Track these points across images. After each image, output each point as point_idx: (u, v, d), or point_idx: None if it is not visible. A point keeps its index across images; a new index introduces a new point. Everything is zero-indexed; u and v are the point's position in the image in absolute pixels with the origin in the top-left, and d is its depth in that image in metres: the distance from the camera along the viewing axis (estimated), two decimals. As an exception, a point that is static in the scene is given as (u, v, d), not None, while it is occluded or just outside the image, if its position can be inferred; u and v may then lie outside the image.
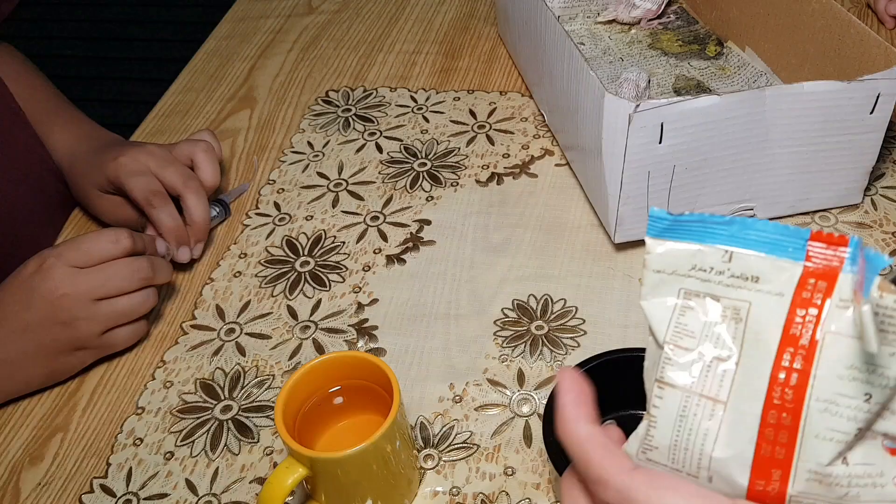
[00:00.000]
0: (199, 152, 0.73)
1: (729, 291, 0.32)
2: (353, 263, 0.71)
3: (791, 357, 0.31)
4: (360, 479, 0.50)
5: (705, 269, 0.33)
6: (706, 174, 0.65)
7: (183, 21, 2.57)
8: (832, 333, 0.30)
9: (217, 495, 0.56)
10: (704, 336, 0.32)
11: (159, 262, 0.65)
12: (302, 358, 0.64)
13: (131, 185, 0.69)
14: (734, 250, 0.33)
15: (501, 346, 0.63)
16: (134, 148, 0.72)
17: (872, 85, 0.62)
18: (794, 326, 0.31)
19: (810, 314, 0.31)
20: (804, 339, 0.31)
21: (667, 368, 0.33)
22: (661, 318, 0.33)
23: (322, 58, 0.97)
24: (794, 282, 0.31)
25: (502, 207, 0.75)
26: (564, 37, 0.68)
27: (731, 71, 0.85)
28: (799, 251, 0.32)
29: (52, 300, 0.59)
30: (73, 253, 0.61)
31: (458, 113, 0.86)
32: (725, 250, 0.33)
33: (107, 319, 0.62)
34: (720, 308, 0.32)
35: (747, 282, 0.32)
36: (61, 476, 0.58)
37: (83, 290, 0.60)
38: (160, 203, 0.69)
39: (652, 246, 0.34)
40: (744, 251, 0.33)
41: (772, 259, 0.32)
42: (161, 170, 0.70)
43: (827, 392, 0.30)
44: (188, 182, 0.70)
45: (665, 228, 0.34)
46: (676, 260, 0.34)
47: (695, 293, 0.33)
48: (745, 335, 0.32)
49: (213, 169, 0.73)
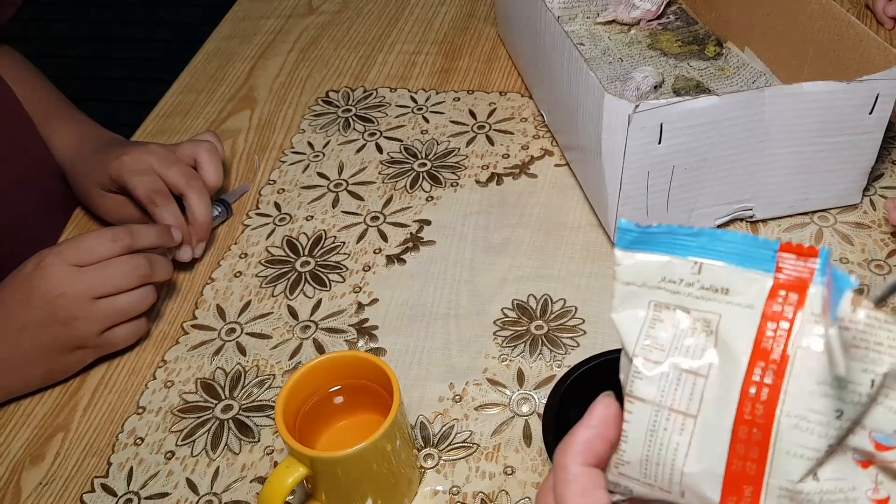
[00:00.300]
0: (202, 152, 0.73)
1: (699, 304, 0.32)
2: (353, 263, 0.71)
3: (762, 372, 0.30)
4: (360, 478, 0.51)
5: (675, 281, 0.33)
6: (706, 174, 0.65)
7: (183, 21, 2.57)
8: (803, 348, 0.30)
9: (218, 494, 0.56)
10: (674, 349, 0.32)
11: (158, 259, 0.65)
12: (302, 358, 0.64)
13: (134, 183, 0.69)
14: (703, 262, 0.32)
15: (501, 345, 0.63)
16: (137, 147, 0.72)
17: (871, 85, 0.62)
18: (765, 340, 0.30)
19: (781, 328, 0.30)
20: (775, 353, 0.30)
21: (636, 382, 0.32)
22: (631, 330, 0.33)
23: (322, 58, 0.97)
24: (764, 294, 0.31)
25: (502, 208, 0.75)
26: (564, 37, 0.68)
27: (731, 71, 0.85)
28: (769, 262, 0.31)
29: (51, 299, 0.59)
30: (73, 251, 0.61)
31: (458, 113, 0.86)
32: (695, 262, 0.32)
33: (106, 318, 0.62)
34: (690, 320, 0.32)
35: (717, 294, 0.32)
36: (62, 475, 0.59)
37: (82, 288, 0.60)
38: (163, 202, 0.69)
39: (621, 258, 0.34)
40: (713, 262, 0.32)
41: (741, 270, 0.32)
42: (164, 169, 0.70)
43: (798, 408, 0.30)
44: (191, 181, 0.70)
45: (634, 240, 0.34)
46: (646, 271, 0.33)
47: (665, 305, 0.33)
48: (717, 348, 0.31)
49: (217, 169, 0.73)
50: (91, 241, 0.62)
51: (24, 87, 0.81)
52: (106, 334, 0.63)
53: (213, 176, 0.73)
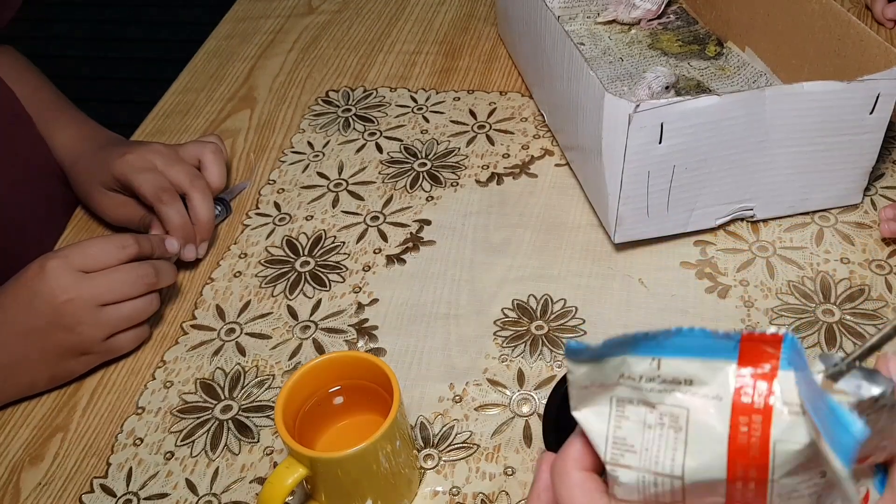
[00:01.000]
0: (207, 153, 0.73)
1: (663, 397, 0.30)
2: (353, 263, 0.71)
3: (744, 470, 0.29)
4: (360, 478, 0.50)
5: (634, 378, 0.31)
6: (706, 174, 0.65)
7: (183, 21, 2.57)
8: (782, 442, 0.28)
9: (217, 495, 0.56)
10: (645, 450, 0.31)
11: (163, 265, 0.65)
12: (302, 358, 0.64)
13: (139, 181, 0.69)
14: (661, 358, 0.31)
15: (501, 346, 0.63)
16: (140, 146, 0.72)
17: (872, 85, 0.62)
18: (740, 436, 0.29)
19: (755, 421, 0.29)
20: (754, 450, 0.29)
21: (616, 489, 0.32)
22: (598, 430, 0.32)
23: (322, 58, 0.97)
24: (730, 382, 0.29)
25: (502, 207, 0.75)
26: (564, 37, 0.68)
27: (731, 71, 0.85)
28: (731, 352, 0.30)
29: (57, 305, 0.59)
30: (79, 257, 0.60)
31: (458, 113, 0.86)
32: (652, 358, 0.31)
33: (111, 325, 0.62)
34: (657, 415, 0.30)
35: (681, 385, 0.30)
36: (61, 476, 0.58)
37: (88, 295, 0.60)
38: (169, 199, 0.69)
39: (573, 367, 0.32)
40: (671, 359, 0.30)
41: (702, 361, 0.30)
42: (168, 168, 0.70)
43: (786, 487, 0.29)
44: (194, 181, 0.70)
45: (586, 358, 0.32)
46: (602, 373, 0.31)
47: (627, 400, 0.31)
48: (688, 447, 0.30)
49: (220, 170, 0.74)
50: (97, 248, 0.61)
51: (25, 87, 0.81)
52: (110, 340, 0.63)
53: (216, 176, 0.73)
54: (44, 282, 0.59)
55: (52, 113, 0.81)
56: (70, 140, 0.79)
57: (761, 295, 0.65)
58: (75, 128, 0.80)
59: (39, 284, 0.59)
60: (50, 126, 0.79)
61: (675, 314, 0.64)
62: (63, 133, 0.79)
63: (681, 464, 0.30)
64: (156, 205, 0.69)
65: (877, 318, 0.62)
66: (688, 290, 0.66)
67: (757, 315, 0.63)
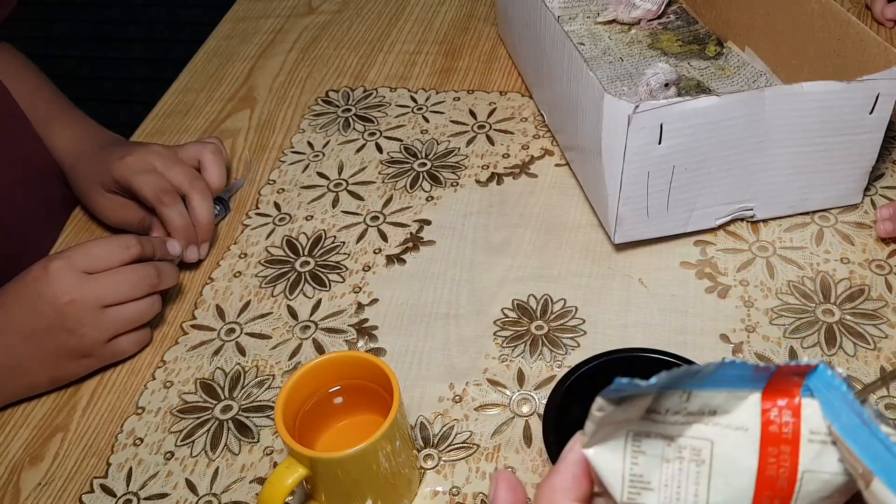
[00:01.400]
0: (206, 153, 0.73)
1: (684, 429, 0.29)
2: (353, 263, 0.71)
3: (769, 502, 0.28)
4: (360, 478, 0.50)
5: (660, 412, 0.29)
6: (706, 174, 0.65)
7: (183, 21, 2.56)
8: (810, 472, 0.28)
9: (217, 495, 0.56)
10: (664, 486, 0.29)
11: (165, 267, 0.65)
12: (302, 358, 0.64)
13: (140, 183, 0.69)
14: (693, 391, 0.29)
15: (501, 346, 0.63)
16: (140, 147, 0.72)
17: (872, 85, 0.62)
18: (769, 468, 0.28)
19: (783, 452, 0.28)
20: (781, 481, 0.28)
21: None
22: (613, 470, 0.30)
23: (322, 58, 0.97)
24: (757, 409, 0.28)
25: (502, 207, 0.75)
26: (564, 37, 0.68)
27: (731, 71, 0.85)
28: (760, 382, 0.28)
29: (59, 306, 0.59)
30: (82, 258, 0.60)
31: (458, 113, 0.86)
32: (684, 392, 0.29)
33: (114, 327, 0.62)
34: (676, 448, 0.29)
35: (703, 416, 0.29)
36: (61, 476, 0.58)
37: (91, 296, 0.60)
38: (171, 201, 0.69)
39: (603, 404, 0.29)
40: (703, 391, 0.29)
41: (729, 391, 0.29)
42: (167, 169, 0.70)
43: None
44: (194, 182, 0.70)
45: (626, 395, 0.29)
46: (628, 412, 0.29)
47: (644, 434, 0.29)
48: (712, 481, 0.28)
49: (220, 171, 0.74)
50: (100, 249, 0.61)
51: (24, 86, 0.81)
52: (111, 343, 0.63)
53: (216, 177, 0.73)
54: (47, 283, 0.59)
55: (51, 113, 0.81)
56: (69, 141, 0.78)
57: (761, 295, 0.65)
58: (74, 128, 0.80)
59: (42, 286, 0.59)
60: (49, 126, 0.79)
61: (675, 314, 0.64)
62: (62, 134, 0.79)
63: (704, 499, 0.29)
64: (157, 206, 0.69)
65: (877, 318, 0.62)
66: (688, 290, 0.66)
67: (757, 315, 0.63)
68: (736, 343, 0.61)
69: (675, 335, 0.62)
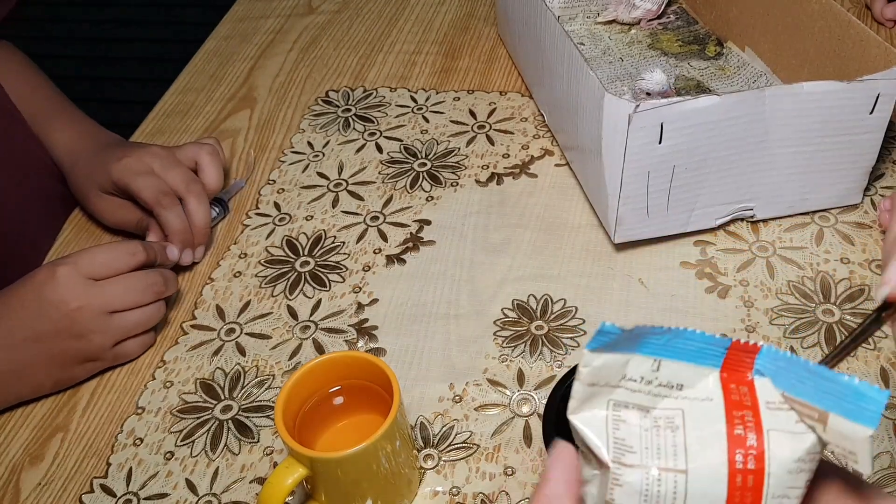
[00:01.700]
0: (203, 155, 0.73)
1: (657, 401, 0.32)
2: (353, 263, 0.71)
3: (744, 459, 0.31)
4: (360, 478, 0.50)
5: (635, 379, 0.33)
6: (706, 174, 0.65)
7: (183, 21, 2.57)
8: (775, 431, 0.31)
9: (217, 495, 0.56)
10: (645, 448, 0.32)
11: (170, 274, 0.66)
12: (302, 358, 0.64)
13: (138, 185, 0.69)
14: (662, 360, 0.33)
15: (501, 346, 0.63)
16: (138, 149, 0.72)
17: (872, 85, 0.62)
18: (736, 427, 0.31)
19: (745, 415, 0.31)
20: (750, 439, 0.31)
21: (615, 490, 0.32)
22: (597, 433, 0.33)
23: (322, 58, 0.97)
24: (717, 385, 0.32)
25: (502, 207, 0.75)
26: (564, 37, 0.68)
27: (731, 71, 0.85)
28: (718, 358, 0.32)
29: (67, 312, 0.59)
30: (88, 264, 0.60)
31: (458, 113, 0.86)
32: (654, 359, 0.33)
33: (120, 332, 0.62)
34: (651, 419, 0.32)
35: (672, 390, 0.32)
36: (61, 476, 0.58)
37: (99, 302, 0.60)
38: (169, 204, 0.69)
39: (590, 359, 0.33)
40: (670, 361, 0.33)
41: (693, 366, 0.32)
42: (165, 171, 0.70)
43: (780, 488, 0.30)
44: (191, 185, 0.70)
45: (608, 344, 0.34)
46: (609, 371, 0.33)
47: (623, 404, 0.32)
48: (688, 442, 0.31)
49: (217, 172, 0.73)
50: (106, 255, 0.61)
51: (23, 85, 0.81)
52: (117, 347, 0.63)
53: (213, 179, 0.73)
54: (54, 289, 0.59)
55: (50, 112, 0.81)
56: (68, 141, 0.78)
57: (761, 295, 0.65)
58: (73, 128, 0.80)
59: (49, 291, 0.59)
60: (48, 126, 0.79)
61: (675, 314, 0.64)
62: (61, 134, 0.79)
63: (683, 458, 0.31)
64: (155, 209, 0.69)
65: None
66: (688, 290, 0.66)
67: (757, 315, 0.63)
68: (736, 343, 0.61)
69: (675, 335, 0.62)
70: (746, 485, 0.30)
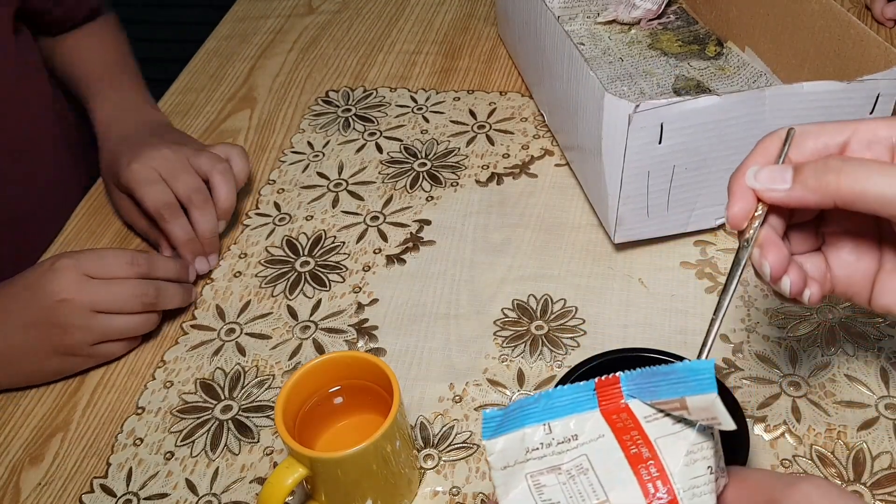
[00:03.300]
0: (216, 173, 0.71)
1: (562, 457, 0.37)
2: (353, 263, 0.71)
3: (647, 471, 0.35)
4: (360, 478, 0.50)
5: (536, 448, 0.37)
6: (706, 174, 0.65)
7: (183, 21, 2.56)
8: (661, 438, 0.36)
9: (217, 495, 0.56)
10: (569, 498, 0.36)
11: (169, 288, 0.65)
12: (302, 358, 0.64)
13: (142, 194, 0.69)
14: (550, 422, 0.38)
15: (501, 346, 0.63)
16: (148, 150, 0.70)
17: (872, 85, 0.62)
18: (630, 449, 0.36)
19: (633, 435, 0.36)
20: (646, 453, 0.36)
21: None
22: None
23: (322, 58, 0.97)
24: (601, 421, 0.37)
25: (502, 207, 0.75)
26: (564, 37, 0.68)
27: (731, 71, 0.85)
28: (591, 400, 0.38)
29: (53, 303, 0.60)
30: (90, 262, 0.61)
31: (458, 113, 0.86)
32: (544, 424, 0.38)
33: (101, 332, 0.62)
34: (565, 474, 0.36)
35: (570, 442, 0.37)
36: (61, 476, 0.58)
37: (85, 299, 0.60)
38: (171, 216, 0.68)
39: (491, 447, 0.38)
40: (556, 420, 0.38)
41: (577, 416, 0.38)
42: (172, 179, 0.69)
43: (686, 482, 0.35)
44: (194, 195, 0.69)
45: (497, 426, 0.38)
46: (512, 451, 0.38)
47: (538, 472, 0.37)
48: (601, 480, 0.36)
49: (228, 192, 0.71)
50: (110, 258, 0.62)
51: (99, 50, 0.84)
52: (96, 347, 0.63)
53: (223, 199, 0.71)
54: (49, 279, 0.60)
55: (103, 78, 0.82)
56: (104, 113, 0.79)
57: (761, 295, 0.65)
58: (114, 99, 0.81)
59: (45, 280, 0.60)
60: (94, 92, 0.81)
61: (675, 314, 0.64)
62: (102, 103, 0.80)
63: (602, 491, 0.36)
64: (159, 222, 0.69)
65: (877, 318, 0.62)
66: (688, 290, 0.66)
67: (757, 315, 0.63)
68: (736, 343, 0.61)
69: (675, 335, 0.62)
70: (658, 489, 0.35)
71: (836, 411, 0.56)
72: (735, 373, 0.59)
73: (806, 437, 0.55)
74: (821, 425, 0.56)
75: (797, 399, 0.57)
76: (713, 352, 0.54)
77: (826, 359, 0.60)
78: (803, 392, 0.58)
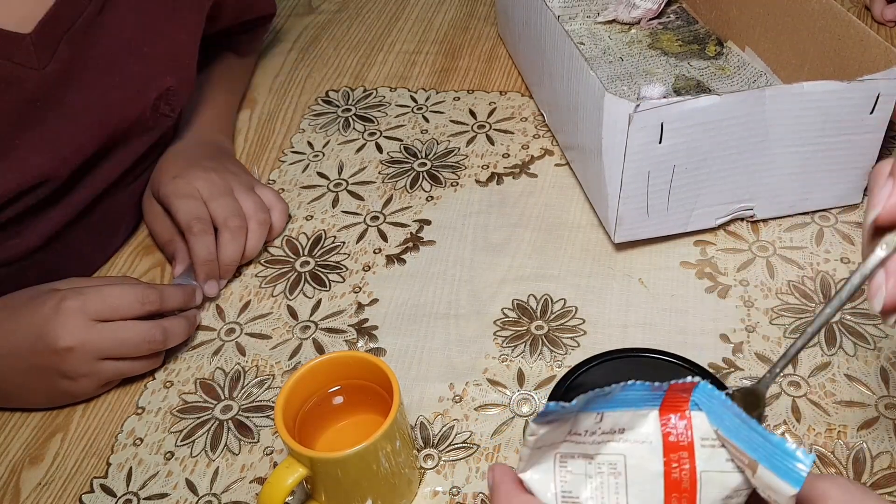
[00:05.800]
0: (254, 221, 0.70)
1: (600, 448, 0.35)
2: (353, 263, 0.71)
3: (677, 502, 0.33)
4: (360, 478, 0.50)
5: (580, 433, 0.35)
6: (706, 174, 0.65)
7: (183, 21, 2.56)
8: (707, 472, 0.33)
9: (217, 495, 0.56)
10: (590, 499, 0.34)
11: (175, 328, 0.63)
12: (302, 358, 0.64)
13: (176, 207, 0.68)
14: (605, 412, 0.35)
15: (501, 345, 0.63)
16: (193, 170, 0.71)
17: (872, 85, 0.62)
18: (672, 472, 0.34)
19: (681, 455, 0.34)
20: (685, 482, 0.33)
21: None
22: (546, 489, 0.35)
23: (322, 58, 0.97)
24: (657, 423, 0.34)
25: (502, 207, 0.75)
26: (564, 37, 0.68)
27: (731, 71, 0.85)
28: (657, 400, 0.35)
29: (59, 350, 0.58)
30: (96, 304, 0.59)
31: (458, 113, 0.86)
32: (597, 413, 0.35)
33: (107, 378, 0.61)
34: (595, 465, 0.34)
35: (615, 434, 0.35)
36: (61, 476, 0.58)
37: (92, 347, 0.59)
38: (200, 231, 0.67)
39: (535, 429, 0.35)
40: (612, 411, 0.35)
41: (634, 411, 0.35)
42: (211, 199, 0.69)
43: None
44: (229, 220, 0.68)
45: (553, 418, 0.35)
46: (554, 434, 0.35)
47: (569, 455, 0.35)
48: (629, 488, 0.34)
49: (257, 243, 0.71)
50: (117, 298, 0.60)
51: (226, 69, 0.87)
52: (101, 387, 0.62)
53: (250, 247, 0.70)
54: (54, 325, 0.58)
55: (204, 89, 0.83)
56: (181, 123, 0.80)
57: (761, 295, 0.65)
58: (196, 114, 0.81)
59: (50, 327, 0.58)
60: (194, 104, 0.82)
61: (675, 314, 0.64)
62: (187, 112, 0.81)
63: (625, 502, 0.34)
64: (186, 234, 0.67)
65: (877, 318, 0.62)
66: (688, 290, 0.66)
67: (757, 315, 0.63)
68: (736, 343, 0.61)
69: (675, 335, 0.62)
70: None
71: (836, 411, 0.56)
72: (735, 373, 0.59)
73: (806, 436, 0.55)
74: (821, 425, 0.56)
75: (797, 399, 0.57)
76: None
77: (826, 359, 0.60)
78: (803, 392, 0.58)
